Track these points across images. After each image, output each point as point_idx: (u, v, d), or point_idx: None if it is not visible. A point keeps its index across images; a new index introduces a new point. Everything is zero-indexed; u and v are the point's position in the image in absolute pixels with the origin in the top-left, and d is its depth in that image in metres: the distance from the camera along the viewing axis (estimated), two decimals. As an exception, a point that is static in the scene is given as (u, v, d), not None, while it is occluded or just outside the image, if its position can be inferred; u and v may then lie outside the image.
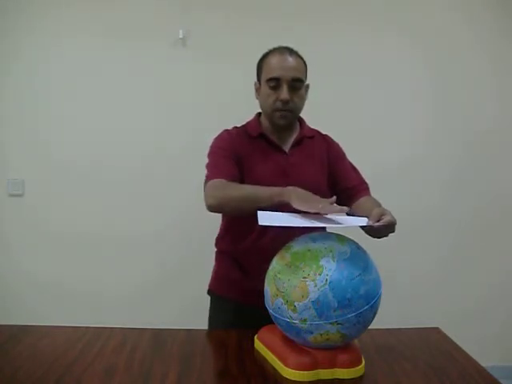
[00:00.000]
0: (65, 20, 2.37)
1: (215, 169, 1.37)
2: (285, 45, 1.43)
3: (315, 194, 1.42)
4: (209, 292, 1.56)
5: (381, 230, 1.13)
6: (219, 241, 1.54)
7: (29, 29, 2.36)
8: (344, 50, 2.45)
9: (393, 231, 1.15)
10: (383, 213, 1.14)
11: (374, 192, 1.49)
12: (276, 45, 1.44)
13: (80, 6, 2.37)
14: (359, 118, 2.47)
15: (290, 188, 1.18)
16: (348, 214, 1.26)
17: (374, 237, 1.18)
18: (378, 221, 1.12)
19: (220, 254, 1.55)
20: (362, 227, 1.15)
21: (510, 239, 2.62)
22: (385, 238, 1.19)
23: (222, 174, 1.34)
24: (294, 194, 1.15)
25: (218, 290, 1.54)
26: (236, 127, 1.50)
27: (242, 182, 1.39)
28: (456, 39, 2.51)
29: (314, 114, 1.55)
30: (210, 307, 1.54)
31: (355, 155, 1.56)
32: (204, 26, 2.40)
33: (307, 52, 1.45)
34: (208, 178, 1.36)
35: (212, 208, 1.30)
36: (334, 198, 1.16)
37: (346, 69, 2.45)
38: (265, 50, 1.44)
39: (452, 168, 2.57)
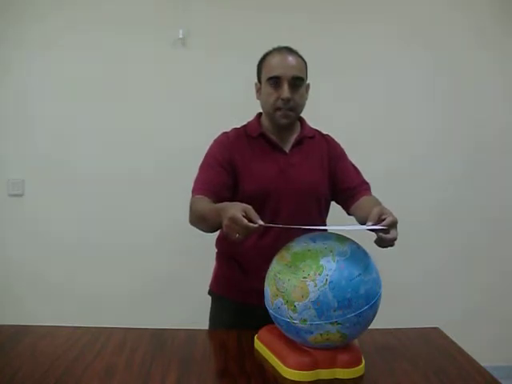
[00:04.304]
0: (65, 20, 2.37)
1: (197, 183, 1.41)
2: (285, 44, 1.43)
3: (314, 194, 1.44)
4: (209, 292, 1.56)
5: (384, 237, 1.11)
6: (219, 241, 1.54)
7: (28, 29, 2.35)
8: (345, 50, 2.45)
9: (392, 245, 1.13)
10: (382, 212, 1.13)
11: (378, 193, 1.49)
12: (276, 44, 1.44)
13: (80, 7, 2.36)
14: (361, 118, 2.48)
15: (229, 207, 1.11)
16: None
17: (380, 246, 1.15)
18: (380, 221, 1.11)
19: (220, 255, 1.55)
20: (375, 240, 1.14)
21: (511, 240, 2.62)
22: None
23: (202, 188, 1.38)
24: (226, 215, 1.08)
25: (218, 291, 1.54)
26: (235, 128, 1.50)
27: (239, 184, 1.40)
28: (460, 38, 2.51)
29: (316, 115, 1.55)
30: (211, 307, 1.55)
31: (356, 156, 1.56)
32: (204, 26, 2.40)
33: (308, 50, 1.45)
34: (192, 193, 1.40)
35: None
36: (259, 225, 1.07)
37: (347, 69, 2.44)
38: (265, 50, 1.44)
39: (453, 169, 2.56)
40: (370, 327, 1.08)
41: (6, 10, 2.33)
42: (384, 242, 1.12)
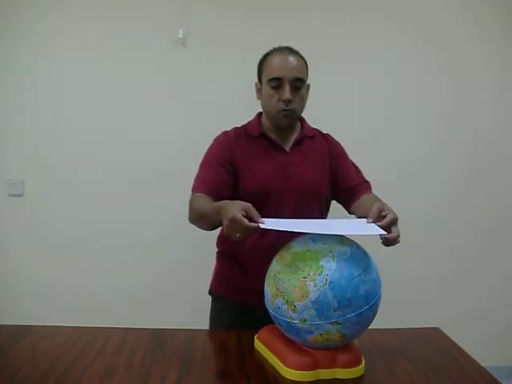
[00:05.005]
0: (65, 20, 2.37)
1: (197, 181, 1.42)
2: (285, 44, 1.43)
3: (315, 193, 1.44)
4: (210, 292, 1.56)
5: (387, 237, 1.11)
6: (220, 241, 1.54)
7: (28, 28, 2.35)
8: (345, 50, 2.45)
9: (398, 242, 1.13)
10: (382, 208, 1.14)
11: (377, 192, 1.49)
12: (276, 44, 1.44)
13: (80, 6, 2.36)
14: (360, 118, 2.47)
15: (229, 206, 1.12)
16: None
17: (386, 246, 1.16)
18: (381, 217, 1.11)
19: (221, 254, 1.55)
20: (382, 242, 1.14)
21: (511, 240, 2.62)
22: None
23: (202, 186, 1.38)
24: (226, 215, 1.09)
25: (218, 290, 1.54)
26: (236, 128, 1.50)
27: (240, 183, 1.40)
28: (460, 37, 2.51)
29: (316, 114, 1.55)
30: (211, 307, 1.55)
31: (356, 155, 1.56)
32: (204, 26, 2.40)
33: (307, 51, 1.45)
34: (192, 191, 1.40)
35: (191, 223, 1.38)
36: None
37: (347, 68, 2.44)
38: (265, 50, 1.44)
39: (453, 169, 2.56)
40: (370, 327, 1.08)
41: (4, 9, 2.33)
42: (388, 242, 1.13)
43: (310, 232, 1.07)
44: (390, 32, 2.48)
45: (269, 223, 1.08)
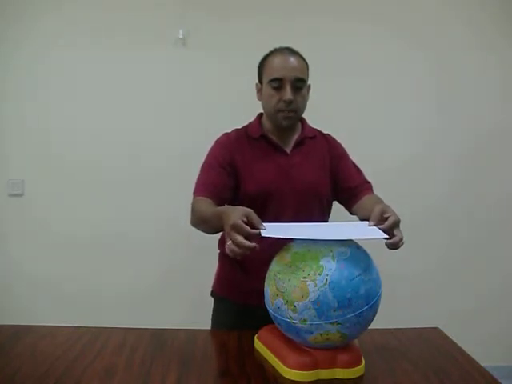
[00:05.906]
0: (65, 20, 2.37)
1: (198, 184, 1.41)
2: (285, 45, 1.43)
3: (316, 194, 1.44)
4: (212, 293, 1.56)
5: (390, 242, 1.11)
6: (222, 243, 1.54)
7: (29, 29, 2.36)
8: (344, 50, 2.45)
9: (402, 244, 1.12)
10: (384, 210, 1.13)
11: (377, 192, 1.49)
12: (276, 45, 1.43)
13: (80, 7, 2.37)
14: (360, 118, 2.48)
15: (230, 211, 1.11)
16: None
17: (391, 249, 1.15)
18: (383, 220, 1.11)
19: (223, 256, 1.54)
20: (388, 247, 1.14)
21: (511, 240, 2.62)
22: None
23: (203, 189, 1.38)
24: (228, 222, 1.07)
25: (220, 292, 1.54)
26: (236, 129, 1.50)
27: (241, 185, 1.40)
28: (457, 38, 2.51)
29: (316, 114, 1.55)
30: (213, 309, 1.55)
31: (356, 155, 1.56)
32: (204, 26, 2.40)
33: (307, 52, 1.45)
34: (193, 194, 1.40)
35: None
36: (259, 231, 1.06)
37: (347, 69, 2.44)
38: (265, 50, 1.44)
39: (452, 168, 2.56)
40: (370, 327, 1.08)
41: (4, 9, 2.33)
42: (392, 245, 1.12)
43: (312, 238, 1.07)
44: (389, 32, 2.47)
45: (270, 228, 1.08)
